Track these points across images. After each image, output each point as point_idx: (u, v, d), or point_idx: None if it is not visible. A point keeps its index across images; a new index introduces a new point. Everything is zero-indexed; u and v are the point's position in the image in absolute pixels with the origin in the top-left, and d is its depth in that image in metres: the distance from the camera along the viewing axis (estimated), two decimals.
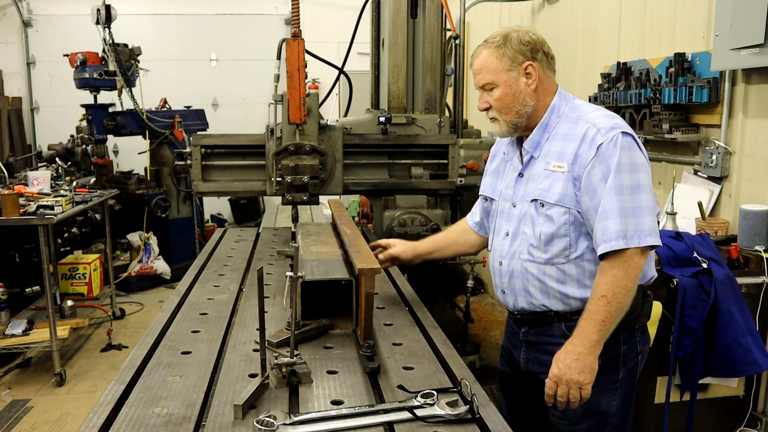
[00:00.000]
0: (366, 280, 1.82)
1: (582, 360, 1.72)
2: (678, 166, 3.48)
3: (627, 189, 1.73)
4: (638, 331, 1.93)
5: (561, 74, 4.91)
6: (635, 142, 1.78)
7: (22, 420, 3.84)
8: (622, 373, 1.91)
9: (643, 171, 1.76)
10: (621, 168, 1.73)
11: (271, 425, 1.33)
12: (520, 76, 1.87)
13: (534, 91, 1.88)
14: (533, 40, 1.87)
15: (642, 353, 1.96)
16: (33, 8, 8.64)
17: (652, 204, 1.75)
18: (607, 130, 1.78)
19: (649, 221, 1.73)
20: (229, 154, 3.64)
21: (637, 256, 1.72)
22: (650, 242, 1.72)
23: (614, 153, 1.74)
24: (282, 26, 9.12)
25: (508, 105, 1.89)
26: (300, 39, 3.14)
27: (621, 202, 1.72)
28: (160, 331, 1.96)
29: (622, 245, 1.71)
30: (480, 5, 5.57)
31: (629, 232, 1.71)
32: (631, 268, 1.72)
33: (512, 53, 1.86)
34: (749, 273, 2.73)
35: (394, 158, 3.78)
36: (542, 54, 1.88)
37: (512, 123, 1.91)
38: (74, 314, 4.87)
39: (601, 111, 1.87)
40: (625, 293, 1.72)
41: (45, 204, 4.31)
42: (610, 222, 1.72)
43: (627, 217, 1.72)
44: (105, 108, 6.45)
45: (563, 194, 1.82)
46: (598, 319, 1.72)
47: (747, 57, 2.83)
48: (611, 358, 1.85)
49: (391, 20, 3.83)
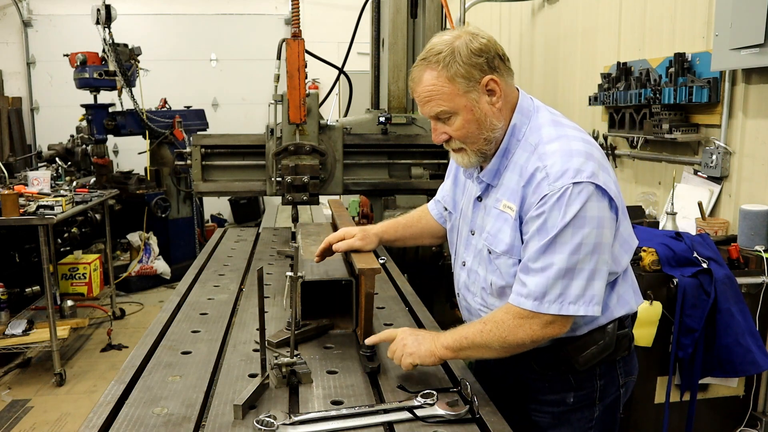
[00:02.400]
0: (366, 280, 1.82)
1: (422, 341, 1.58)
2: (678, 166, 3.48)
3: (563, 247, 1.45)
4: (620, 362, 1.70)
5: (561, 74, 4.94)
6: (595, 191, 1.45)
7: (22, 420, 3.84)
8: (598, 410, 1.69)
9: (591, 226, 1.45)
10: (564, 224, 1.44)
11: (271, 425, 1.33)
12: (481, 96, 1.53)
13: (500, 110, 1.56)
14: (485, 46, 1.52)
15: (626, 385, 1.74)
16: (33, 8, 8.64)
17: (591, 266, 1.46)
18: (555, 177, 1.46)
19: (578, 287, 1.46)
20: (229, 154, 3.64)
21: (538, 324, 1.48)
22: (572, 311, 1.46)
23: (558, 207, 1.45)
24: (282, 26, 9.13)
25: (474, 133, 1.57)
26: (300, 39, 3.15)
27: (551, 260, 1.46)
28: (160, 331, 1.96)
29: (530, 306, 1.47)
30: (480, 5, 5.57)
31: (550, 296, 1.46)
32: (522, 330, 1.49)
33: (465, 70, 1.50)
34: (749, 273, 2.73)
35: (394, 158, 3.78)
36: (499, 60, 1.54)
37: (481, 152, 1.61)
38: (74, 314, 4.88)
39: (560, 142, 1.53)
40: (499, 340, 1.50)
41: (45, 204, 4.31)
42: (530, 278, 1.48)
43: (554, 279, 1.46)
44: (105, 108, 6.45)
45: (511, 244, 1.57)
46: (462, 333, 1.56)
47: (747, 57, 2.83)
48: (586, 394, 1.67)
49: (391, 20, 3.83)
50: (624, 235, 1.59)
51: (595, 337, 1.61)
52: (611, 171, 1.55)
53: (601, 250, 1.48)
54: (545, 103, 1.72)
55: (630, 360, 1.75)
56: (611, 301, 1.63)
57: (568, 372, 1.65)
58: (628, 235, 1.62)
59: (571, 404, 1.66)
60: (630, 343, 1.70)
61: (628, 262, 1.64)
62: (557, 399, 1.68)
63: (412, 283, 2.59)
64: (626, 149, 3.98)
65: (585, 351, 1.61)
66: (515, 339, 1.50)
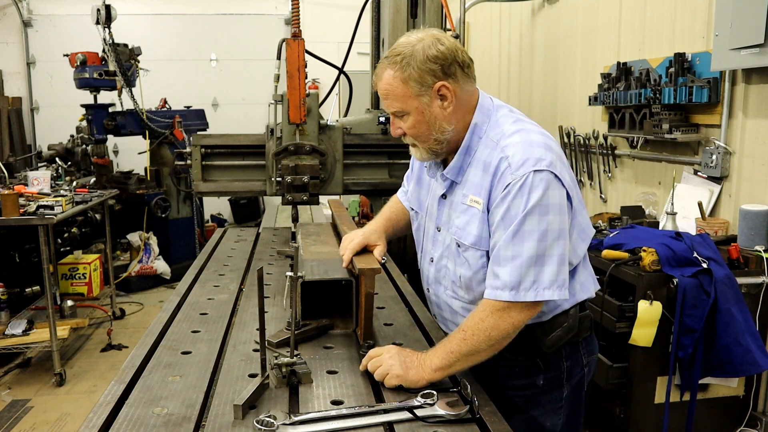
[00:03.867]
0: (366, 280, 1.82)
1: (410, 365, 1.56)
2: (678, 166, 3.48)
3: (531, 235, 1.51)
4: (582, 343, 1.79)
5: (561, 74, 4.95)
6: (553, 178, 1.53)
7: (22, 420, 3.84)
8: (566, 390, 1.77)
9: (554, 213, 1.52)
10: (528, 212, 1.51)
11: (271, 425, 1.33)
12: (433, 100, 1.60)
13: (452, 114, 1.63)
14: (442, 53, 1.57)
15: (589, 364, 1.82)
16: (33, 8, 8.64)
17: (559, 251, 1.53)
18: (517, 166, 1.54)
19: (550, 272, 1.52)
20: (229, 154, 3.65)
21: (519, 311, 1.54)
22: (547, 296, 1.52)
23: (521, 194, 1.52)
24: (282, 26, 9.13)
25: (424, 133, 1.65)
26: (300, 39, 3.15)
27: (520, 249, 1.52)
28: (160, 331, 1.96)
29: (507, 297, 1.53)
30: (480, 5, 5.57)
31: (524, 284, 1.52)
32: (503, 321, 1.53)
33: (419, 74, 1.57)
34: (749, 273, 2.73)
35: (394, 158, 3.78)
36: (456, 66, 1.59)
37: (432, 150, 1.69)
38: (74, 314, 4.88)
39: (520, 134, 1.60)
40: (486, 339, 1.53)
41: (45, 204, 4.31)
42: (502, 270, 1.54)
43: (525, 267, 1.52)
44: (105, 108, 6.45)
45: (479, 236, 1.63)
46: (447, 348, 1.57)
47: (747, 57, 2.83)
48: (554, 376, 1.75)
49: (391, 20, 3.83)
50: (582, 224, 1.68)
51: (560, 321, 1.70)
52: (567, 163, 1.65)
53: (565, 236, 1.56)
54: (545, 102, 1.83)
55: (591, 340, 1.85)
56: (574, 288, 1.71)
57: (536, 356, 1.73)
58: (585, 225, 1.71)
59: (541, 386, 1.74)
60: (590, 323, 1.80)
61: (585, 250, 1.72)
62: (528, 383, 1.75)
63: (412, 283, 2.59)
64: (626, 149, 3.98)
65: (551, 334, 1.69)
66: (499, 332, 1.54)
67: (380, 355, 1.62)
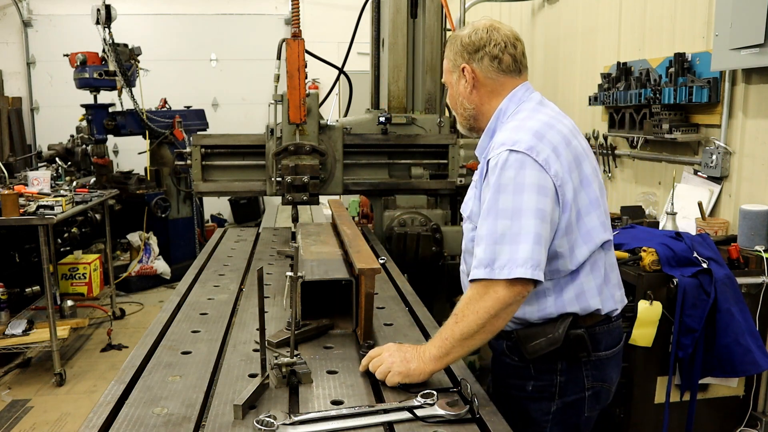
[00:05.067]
0: (366, 280, 1.82)
1: (410, 359, 1.58)
2: (678, 166, 3.48)
3: (506, 212, 1.55)
4: (588, 365, 1.72)
5: (561, 74, 4.94)
6: (529, 159, 1.57)
7: (22, 420, 3.84)
8: (555, 406, 1.73)
9: (530, 192, 1.55)
10: (501, 188, 1.57)
11: (271, 425, 1.33)
12: (460, 78, 1.78)
13: (470, 94, 1.77)
14: (474, 42, 1.74)
15: (595, 389, 1.75)
16: (33, 8, 8.64)
17: (535, 230, 1.53)
18: (497, 145, 1.63)
19: (525, 250, 1.51)
20: (229, 154, 3.65)
21: (501, 288, 1.52)
22: (520, 274, 1.51)
23: (496, 172, 1.59)
24: (282, 26, 9.13)
25: (453, 106, 1.86)
26: (300, 39, 3.15)
27: (494, 226, 1.56)
28: (160, 331, 1.96)
29: (482, 275, 1.55)
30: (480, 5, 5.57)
31: (499, 261, 1.53)
32: (488, 296, 1.53)
33: (454, 55, 1.79)
34: (749, 273, 2.73)
35: (394, 158, 3.78)
36: (484, 54, 1.73)
37: (463, 124, 1.86)
38: (74, 314, 4.87)
39: (522, 120, 1.69)
40: (474, 317, 1.54)
41: (45, 204, 4.31)
42: (479, 248, 1.57)
43: (499, 244, 1.54)
44: (105, 108, 6.45)
45: (472, 210, 1.75)
46: (442, 335, 1.59)
47: (747, 57, 2.83)
48: (544, 386, 1.73)
49: (391, 20, 3.83)
50: (587, 227, 1.66)
51: (547, 330, 1.67)
52: (565, 156, 1.63)
53: (544, 217, 1.55)
54: None
55: (603, 366, 1.76)
56: (566, 294, 1.67)
57: (529, 362, 1.72)
58: (591, 228, 1.67)
59: (529, 392, 1.74)
60: (586, 344, 1.69)
61: (586, 254, 1.67)
62: (518, 384, 1.76)
63: (412, 283, 2.59)
64: (626, 149, 3.98)
65: (533, 341, 1.67)
66: (486, 312, 1.53)
67: (380, 354, 1.63)
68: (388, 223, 3.68)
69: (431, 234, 3.54)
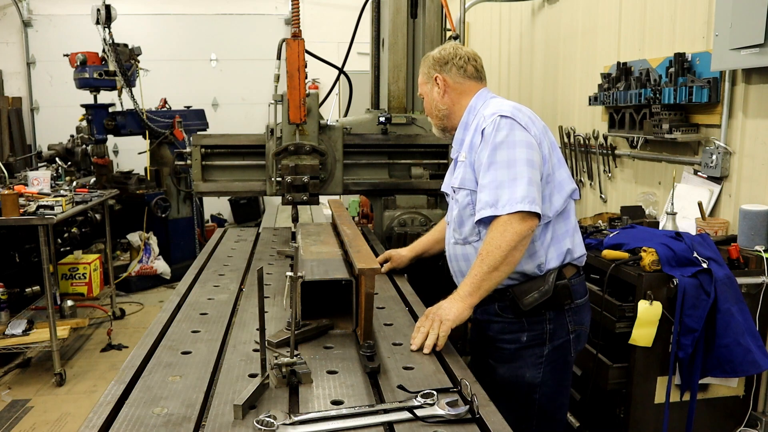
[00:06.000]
0: (366, 280, 1.83)
1: (451, 305, 1.89)
2: (678, 166, 3.48)
3: (503, 163, 1.92)
4: (569, 312, 2.08)
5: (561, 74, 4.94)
6: (515, 122, 1.97)
7: (22, 420, 3.85)
8: (547, 349, 2.06)
9: (521, 147, 1.93)
10: (497, 146, 1.95)
11: (271, 425, 1.33)
12: (433, 87, 2.20)
13: (442, 97, 2.18)
14: (443, 56, 2.18)
15: (576, 332, 2.10)
16: (33, 8, 8.64)
17: (528, 175, 1.90)
18: (489, 116, 2.01)
19: (522, 190, 1.88)
20: (229, 154, 3.64)
21: (515, 222, 1.87)
22: (520, 208, 1.86)
23: (492, 133, 1.97)
24: (282, 26, 9.13)
25: (429, 111, 2.26)
26: (300, 39, 3.14)
27: (495, 175, 1.93)
28: (160, 331, 1.96)
29: (489, 213, 1.91)
30: (480, 5, 5.57)
31: (501, 201, 1.89)
32: (507, 232, 1.87)
33: (427, 69, 2.22)
34: (749, 273, 2.73)
35: (394, 158, 3.78)
36: (452, 65, 2.16)
37: (437, 125, 2.26)
38: (74, 314, 4.88)
39: (502, 104, 2.06)
40: (498, 252, 1.87)
41: (45, 204, 4.31)
42: (483, 194, 1.95)
43: (500, 189, 1.90)
44: (105, 108, 6.45)
45: (464, 178, 2.08)
46: (472, 274, 1.91)
47: (747, 57, 2.83)
48: (536, 335, 2.06)
49: (391, 20, 3.83)
50: (558, 179, 2.05)
51: (537, 284, 2.01)
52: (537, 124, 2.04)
53: (533, 165, 1.93)
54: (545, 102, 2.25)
55: (580, 312, 2.12)
56: (550, 254, 2.04)
57: (521, 316, 2.05)
58: (562, 180, 2.06)
59: (524, 342, 2.06)
60: (570, 292, 2.05)
61: (561, 202, 2.04)
62: (513, 338, 2.08)
63: (412, 283, 2.59)
64: (626, 149, 3.98)
65: (528, 294, 2.01)
66: (507, 243, 1.87)
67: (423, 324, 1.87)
68: (388, 223, 3.68)
69: None
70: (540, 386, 2.07)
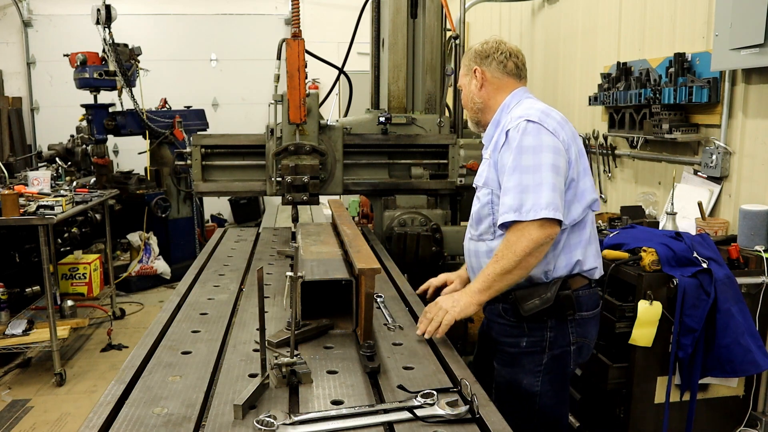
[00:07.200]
0: (366, 280, 1.83)
1: (459, 297, 1.96)
2: (678, 166, 3.48)
3: (528, 168, 1.92)
4: (572, 323, 2.06)
5: (561, 74, 4.94)
6: (543, 128, 1.96)
7: (22, 420, 3.84)
8: (546, 357, 2.05)
9: (546, 152, 1.92)
10: (523, 150, 1.93)
11: (271, 425, 1.33)
12: (472, 79, 2.20)
13: (479, 90, 2.18)
14: (485, 50, 2.18)
15: (577, 344, 2.08)
16: (33, 8, 8.64)
17: (552, 181, 1.90)
18: (516, 119, 2.01)
19: (546, 196, 1.88)
20: (229, 154, 3.64)
21: (534, 228, 1.88)
22: (544, 215, 1.86)
23: (517, 137, 1.96)
24: (282, 26, 9.13)
25: (465, 103, 2.27)
26: (300, 39, 3.14)
27: (520, 180, 1.92)
28: (160, 331, 1.96)
29: (512, 218, 1.90)
30: (480, 5, 5.57)
31: (525, 207, 1.89)
32: (524, 237, 1.88)
33: (468, 61, 2.21)
34: (749, 273, 2.73)
35: (394, 158, 3.78)
36: (493, 59, 2.16)
37: (472, 118, 2.27)
38: (74, 314, 4.87)
39: (532, 107, 2.05)
40: (512, 256, 1.89)
41: (45, 204, 4.31)
42: (507, 198, 1.94)
43: (525, 193, 1.90)
44: (105, 108, 6.44)
45: (488, 177, 2.08)
46: (484, 272, 1.95)
47: (747, 57, 2.83)
48: (535, 341, 2.05)
49: (391, 20, 3.83)
50: (581, 188, 2.03)
51: (540, 290, 2.00)
52: (567, 129, 2.03)
53: (558, 171, 1.93)
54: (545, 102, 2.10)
55: (586, 324, 2.10)
56: (559, 262, 2.02)
57: (522, 321, 2.04)
58: (584, 189, 2.03)
59: (523, 348, 2.06)
60: (573, 302, 2.02)
61: (580, 212, 2.02)
62: (513, 342, 2.08)
63: (412, 283, 2.59)
64: (626, 149, 3.98)
65: (529, 300, 2.00)
66: (522, 248, 1.88)
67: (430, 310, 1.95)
68: (388, 223, 3.68)
69: (431, 234, 3.54)
70: (540, 396, 2.06)
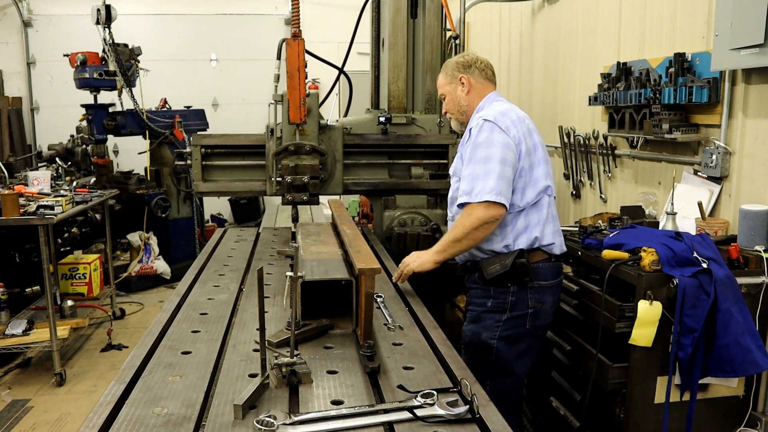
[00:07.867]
0: (366, 280, 1.83)
1: (420, 255, 2.50)
2: (678, 166, 3.48)
3: (480, 160, 2.34)
4: (531, 290, 2.45)
5: (561, 74, 4.95)
6: (496, 126, 2.37)
7: (22, 420, 3.85)
8: (506, 316, 2.45)
9: (496, 147, 2.34)
10: (477, 145, 2.37)
11: (271, 425, 1.33)
12: (457, 86, 2.60)
13: (467, 95, 2.59)
14: (467, 61, 2.60)
15: (534, 309, 2.47)
16: (33, 8, 8.64)
17: (499, 171, 2.31)
18: (477, 119, 2.44)
19: (491, 184, 2.29)
20: (229, 154, 3.65)
21: (480, 209, 2.31)
22: (488, 198, 2.28)
23: (475, 134, 2.39)
24: (282, 26, 9.13)
25: (450, 109, 2.65)
26: (300, 39, 3.15)
27: (473, 169, 2.35)
28: (160, 331, 1.96)
29: (465, 200, 2.35)
30: (480, 5, 5.57)
31: (475, 191, 2.31)
32: (472, 215, 2.32)
33: (451, 71, 2.61)
34: (749, 273, 2.73)
35: (394, 158, 3.78)
36: (475, 68, 2.59)
37: (458, 120, 2.66)
38: (74, 314, 4.87)
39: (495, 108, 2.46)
40: (462, 229, 2.35)
41: (45, 204, 4.31)
42: (462, 183, 2.39)
43: (475, 180, 2.32)
44: (105, 108, 6.45)
45: (456, 167, 2.54)
46: (443, 239, 2.45)
47: (747, 57, 2.83)
48: (499, 303, 2.46)
49: (391, 20, 3.83)
50: (534, 175, 2.43)
51: (500, 258, 2.41)
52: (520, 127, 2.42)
53: (506, 163, 2.33)
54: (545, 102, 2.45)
55: (543, 292, 2.49)
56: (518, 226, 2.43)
57: (490, 285, 2.45)
58: (538, 177, 2.44)
59: (488, 307, 2.48)
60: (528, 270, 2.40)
61: (533, 196, 2.43)
62: (481, 302, 2.51)
63: (412, 283, 2.59)
64: (626, 149, 3.97)
65: (491, 266, 2.41)
66: (469, 223, 2.33)
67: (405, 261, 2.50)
68: (388, 223, 3.68)
69: (431, 234, 3.54)
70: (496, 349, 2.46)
